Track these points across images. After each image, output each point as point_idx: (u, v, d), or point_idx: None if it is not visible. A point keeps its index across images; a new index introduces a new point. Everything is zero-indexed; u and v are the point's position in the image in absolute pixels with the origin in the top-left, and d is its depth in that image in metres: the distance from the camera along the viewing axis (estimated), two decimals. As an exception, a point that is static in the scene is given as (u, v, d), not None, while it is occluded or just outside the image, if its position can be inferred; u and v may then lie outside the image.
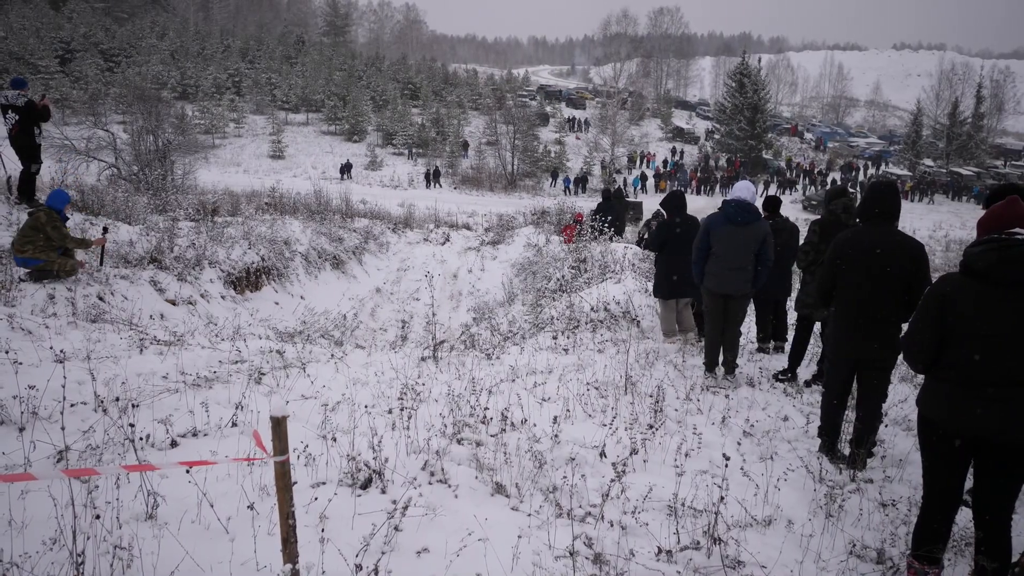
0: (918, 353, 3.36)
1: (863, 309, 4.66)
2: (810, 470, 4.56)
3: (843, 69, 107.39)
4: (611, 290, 9.58)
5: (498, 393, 5.71)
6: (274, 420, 2.71)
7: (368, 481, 3.85)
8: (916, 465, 4.96)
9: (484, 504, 3.83)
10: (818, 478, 4.48)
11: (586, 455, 4.56)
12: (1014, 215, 3.16)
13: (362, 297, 15.60)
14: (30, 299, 8.02)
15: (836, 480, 4.54)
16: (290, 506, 2.81)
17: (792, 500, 4.18)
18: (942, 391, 3.30)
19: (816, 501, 4.17)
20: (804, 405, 6.20)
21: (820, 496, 4.20)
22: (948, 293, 3.23)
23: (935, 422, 3.31)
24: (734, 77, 56.96)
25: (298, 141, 54.31)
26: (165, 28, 73.38)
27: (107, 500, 3.44)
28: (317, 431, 4.46)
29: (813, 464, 4.65)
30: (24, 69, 54.32)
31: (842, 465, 4.80)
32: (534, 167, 49.78)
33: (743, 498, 4.04)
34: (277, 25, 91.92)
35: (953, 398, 3.23)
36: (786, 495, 4.21)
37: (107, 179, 28.83)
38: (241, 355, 6.55)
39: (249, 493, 3.71)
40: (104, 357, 6.00)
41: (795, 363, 7.05)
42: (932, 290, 3.34)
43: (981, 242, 3.22)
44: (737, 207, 6.52)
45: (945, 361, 3.27)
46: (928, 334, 3.29)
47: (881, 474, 4.70)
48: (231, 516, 3.48)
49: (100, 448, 4.06)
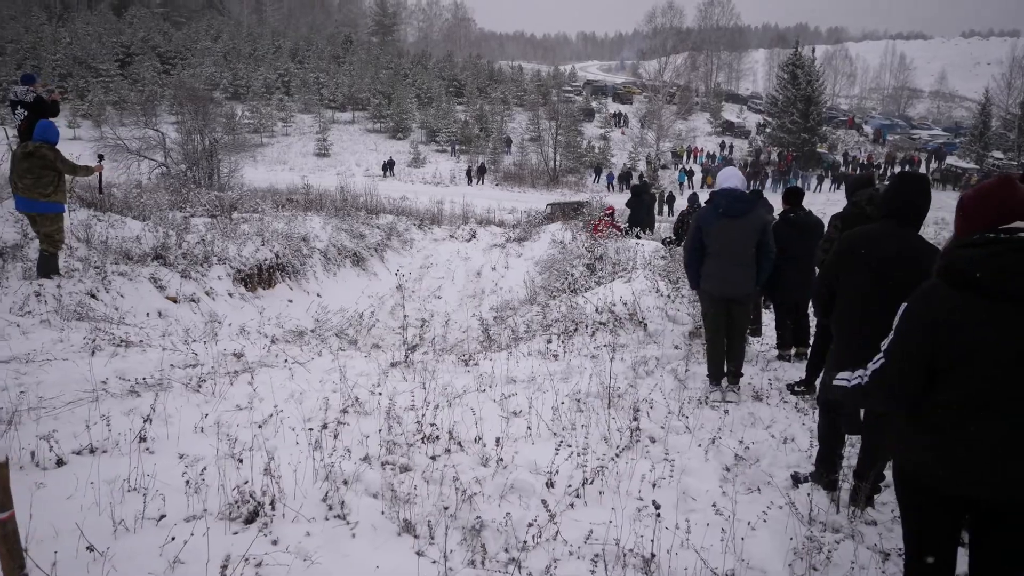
0: (901, 396, 2.56)
1: (868, 320, 3.84)
2: (797, 508, 3.80)
3: (905, 59, 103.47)
4: (619, 290, 8.88)
5: (460, 405, 5.09)
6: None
7: (253, 515, 3.27)
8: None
9: (385, 546, 3.20)
10: (807, 519, 3.74)
11: (533, 483, 3.90)
12: (1017, 202, 2.39)
13: (382, 295, 15.14)
14: (12, 296, 7.73)
15: (830, 521, 3.79)
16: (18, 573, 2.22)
17: (768, 547, 3.45)
18: (936, 442, 2.50)
19: (798, 549, 3.43)
20: (814, 423, 5.42)
21: (803, 542, 3.45)
22: (942, 318, 2.41)
23: (926, 482, 2.58)
24: (787, 68, 55.14)
25: (343, 139, 54.58)
26: (219, 31, 74.67)
27: None
28: (229, 450, 3.89)
29: (802, 500, 3.88)
30: (86, 73, 55.94)
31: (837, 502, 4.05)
32: (577, 163, 49.03)
33: (705, 544, 3.34)
34: (328, 26, 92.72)
35: (953, 449, 2.47)
36: (761, 540, 3.50)
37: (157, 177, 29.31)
38: (197, 358, 6.06)
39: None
40: (45, 360, 5.57)
41: (813, 374, 6.25)
42: (915, 312, 2.54)
43: (975, 243, 2.42)
44: (727, 197, 5.78)
45: (940, 400, 2.48)
46: (915, 372, 2.50)
47: (890, 514, 3.93)
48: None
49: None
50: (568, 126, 49.24)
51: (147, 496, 3.38)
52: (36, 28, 63.57)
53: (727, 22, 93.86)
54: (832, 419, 4.23)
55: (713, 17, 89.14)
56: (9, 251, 8.84)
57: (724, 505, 3.74)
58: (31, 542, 2.93)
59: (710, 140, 58.70)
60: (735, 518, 3.61)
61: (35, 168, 8.05)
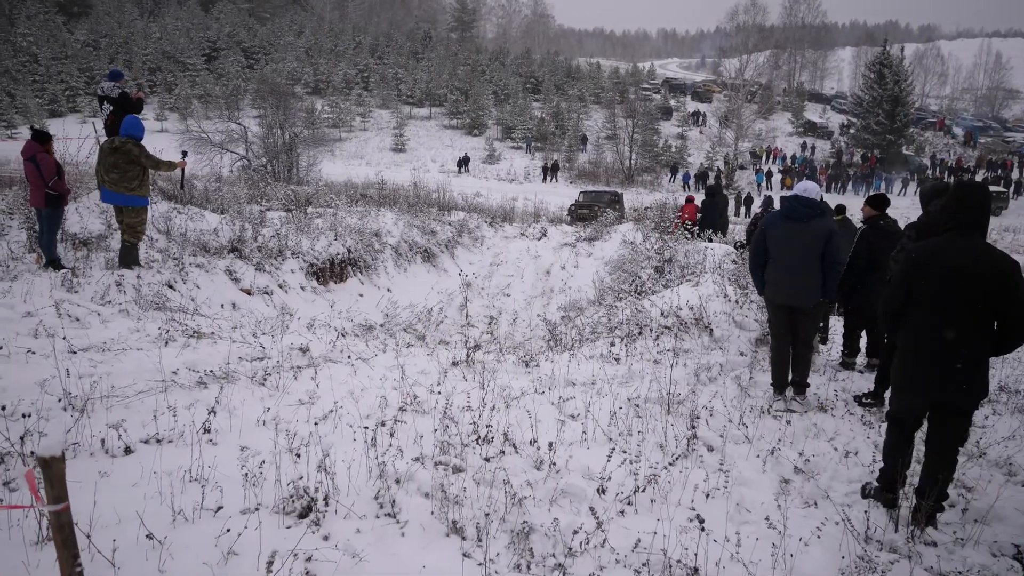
0: None
1: (944, 340, 3.76)
2: (852, 524, 3.72)
3: (1001, 58, 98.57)
4: (685, 294, 8.77)
5: (517, 407, 5.13)
6: (42, 462, 2.27)
7: (307, 510, 3.38)
8: (1004, 523, 4.04)
9: (432, 546, 3.27)
10: (863, 537, 3.65)
11: (585, 489, 3.92)
12: None
13: (451, 291, 15.28)
14: (95, 285, 8.10)
15: (887, 540, 3.69)
16: (74, 567, 2.34)
17: (819, 565, 3.38)
18: None
19: (850, 568, 3.36)
20: (880, 437, 5.27)
21: (855, 561, 3.37)
22: None
23: None
24: (873, 68, 53.18)
25: (420, 135, 55.21)
26: (302, 26, 76.47)
27: None
28: (287, 444, 4.02)
29: (859, 517, 3.79)
30: (174, 67, 58.15)
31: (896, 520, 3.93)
32: (653, 162, 48.38)
33: (754, 559, 3.30)
34: (408, 22, 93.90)
35: None
36: (813, 557, 3.43)
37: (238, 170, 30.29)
38: (265, 351, 6.26)
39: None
40: (120, 349, 5.84)
41: (882, 386, 6.08)
42: None
43: None
44: (795, 201, 5.67)
45: None
46: None
47: (951, 535, 3.81)
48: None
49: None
50: (645, 124, 48.62)
51: (207, 487, 3.51)
52: (128, 23, 66.44)
53: (812, 19, 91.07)
54: (899, 435, 4.12)
55: (798, 14, 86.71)
56: (94, 241, 9.27)
57: (778, 519, 3.69)
58: (95, 528, 3.10)
59: (791, 140, 57.17)
60: (788, 533, 3.55)
61: (121, 163, 8.41)
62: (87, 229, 9.68)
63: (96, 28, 63.97)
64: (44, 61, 54.34)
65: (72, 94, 53.14)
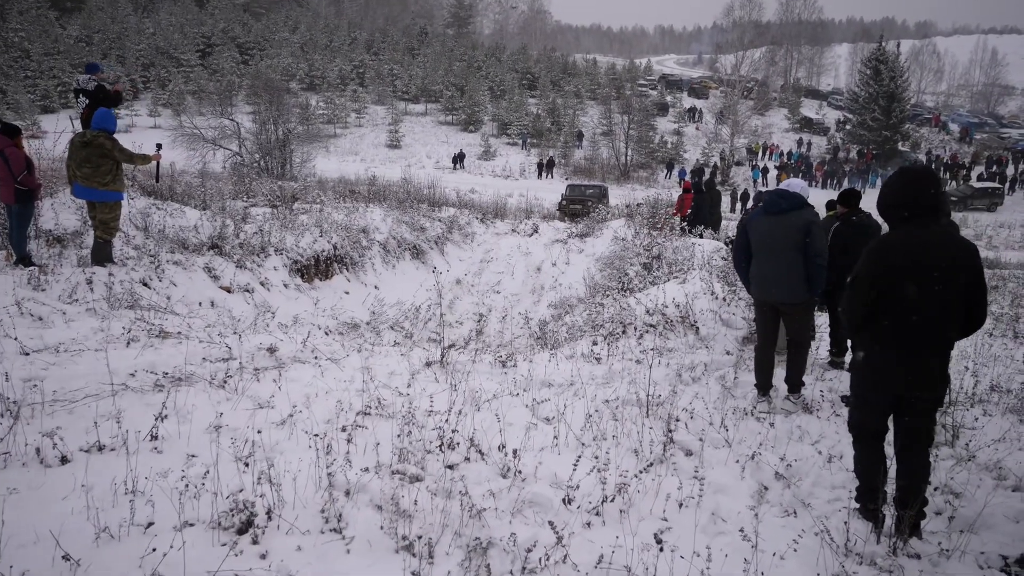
0: None
1: (920, 332, 3.57)
2: (831, 536, 3.51)
3: (997, 54, 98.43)
4: (672, 291, 8.56)
5: (488, 410, 4.91)
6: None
7: (246, 525, 3.15)
8: (992, 531, 3.83)
9: (379, 565, 3.02)
10: (843, 550, 3.44)
11: (551, 499, 3.70)
12: None
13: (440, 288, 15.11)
14: (63, 283, 7.86)
15: (867, 553, 3.47)
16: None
17: (794, 581, 3.19)
18: None
19: (827, 585, 3.15)
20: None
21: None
22: None
23: None
24: (869, 64, 53.02)
25: (415, 131, 54.91)
26: (297, 22, 76.10)
27: None
28: (236, 452, 3.79)
29: (839, 528, 3.58)
30: (167, 63, 57.75)
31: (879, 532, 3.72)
32: (649, 158, 48.18)
33: (725, 574, 3.09)
34: (404, 18, 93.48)
35: None
36: (788, 572, 3.23)
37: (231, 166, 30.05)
38: (231, 352, 6.02)
39: None
40: (77, 351, 5.60)
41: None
42: None
43: None
44: (774, 195, 5.49)
45: None
46: None
47: (936, 545, 3.59)
48: None
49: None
50: (641, 120, 48.42)
51: (138, 501, 3.25)
52: (122, 19, 65.99)
53: (809, 16, 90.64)
54: (866, 448, 3.90)
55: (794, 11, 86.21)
56: (69, 238, 9.02)
57: (754, 530, 3.47)
58: (7, 548, 2.85)
59: (787, 137, 57.01)
60: (763, 547, 3.34)
61: (93, 157, 8.17)
62: (61, 225, 9.44)
63: (89, 23, 63.49)
64: (36, 56, 53.89)
65: (64, 90, 52.63)
